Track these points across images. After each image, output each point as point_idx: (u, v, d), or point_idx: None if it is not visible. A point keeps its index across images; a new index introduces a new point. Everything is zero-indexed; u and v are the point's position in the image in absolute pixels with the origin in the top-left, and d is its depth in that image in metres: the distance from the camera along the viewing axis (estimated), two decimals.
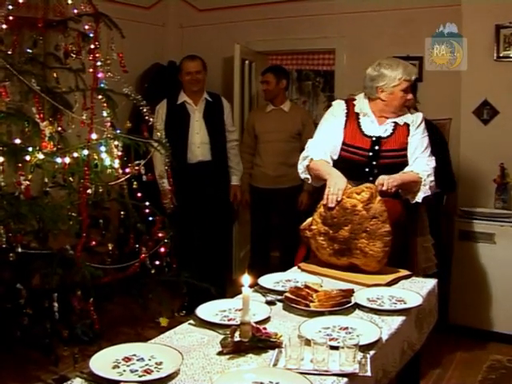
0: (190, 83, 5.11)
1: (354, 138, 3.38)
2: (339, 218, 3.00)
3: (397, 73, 3.30)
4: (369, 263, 2.97)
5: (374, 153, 3.35)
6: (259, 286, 2.79)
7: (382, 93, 3.35)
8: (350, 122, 3.42)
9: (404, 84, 3.30)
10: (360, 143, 3.36)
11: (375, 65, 3.38)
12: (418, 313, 2.69)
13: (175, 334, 2.31)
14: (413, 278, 3.01)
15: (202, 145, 5.10)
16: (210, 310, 2.47)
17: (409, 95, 3.36)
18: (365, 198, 2.97)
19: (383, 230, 2.95)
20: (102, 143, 3.89)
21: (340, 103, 3.51)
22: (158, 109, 5.06)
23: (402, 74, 3.29)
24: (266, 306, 2.51)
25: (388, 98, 3.36)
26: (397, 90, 3.32)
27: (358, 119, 3.42)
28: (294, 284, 2.80)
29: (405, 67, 3.32)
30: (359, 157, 3.36)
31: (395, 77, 3.30)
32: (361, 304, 2.56)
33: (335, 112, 3.47)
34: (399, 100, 3.34)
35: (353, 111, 3.44)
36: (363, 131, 3.39)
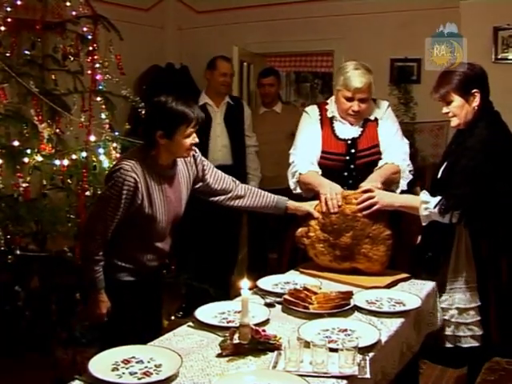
0: (222, 84, 5.00)
1: (330, 143, 3.31)
2: (339, 224, 3.01)
3: (340, 79, 3.24)
4: (372, 267, 3.00)
5: (350, 156, 3.28)
6: (258, 288, 2.79)
7: (335, 92, 3.34)
8: (325, 127, 3.34)
9: (345, 92, 3.21)
10: (335, 148, 3.30)
11: (344, 63, 3.34)
12: (417, 315, 2.69)
13: (174, 336, 2.32)
14: (412, 280, 3.01)
15: (223, 148, 5.01)
16: (209, 311, 2.48)
17: (354, 105, 3.23)
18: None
19: (385, 234, 2.98)
20: (100, 145, 3.89)
21: (313, 109, 3.42)
22: None
23: (343, 82, 3.21)
24: (265, 308, 2.52)
25: (336, 100, 3.33)
26: (339, 95, 3.26)
27: (331, 124, 3.35)
28: (293, 286, 2.80)
29: (349, 77, 3.19)
30: (336, 162, 3.29)
31: (340, 80, 3.24)
32: (360, 306, 2.56)
33: (310, 119, 3.38)
34: (341, 106, 3.27)
35: (326, 116, 3.37)
36: (337, 135, 3.32)
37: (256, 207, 3.13)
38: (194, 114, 2.65)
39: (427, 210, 2.87)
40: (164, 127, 2.64)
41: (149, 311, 2.90)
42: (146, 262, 2.81)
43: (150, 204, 2.69)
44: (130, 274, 2.79)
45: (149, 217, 2.71)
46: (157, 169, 2.73)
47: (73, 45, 4.06)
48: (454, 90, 2.91)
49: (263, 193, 3.15)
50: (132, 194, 2.63)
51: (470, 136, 2.90)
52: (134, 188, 2.62)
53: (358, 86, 3.16)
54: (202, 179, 2.99)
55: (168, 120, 2.64)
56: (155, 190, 2.71)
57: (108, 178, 2.72)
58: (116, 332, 2.72)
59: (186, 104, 2.66)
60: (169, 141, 2.66)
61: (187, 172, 2.90)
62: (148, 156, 2.72)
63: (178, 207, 2.84)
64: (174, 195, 2.81)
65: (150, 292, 2.90)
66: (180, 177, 2.86)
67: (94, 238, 2.67)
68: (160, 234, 2.80)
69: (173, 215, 2.82)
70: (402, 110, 5.47)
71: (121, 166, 2.65)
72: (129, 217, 2.68)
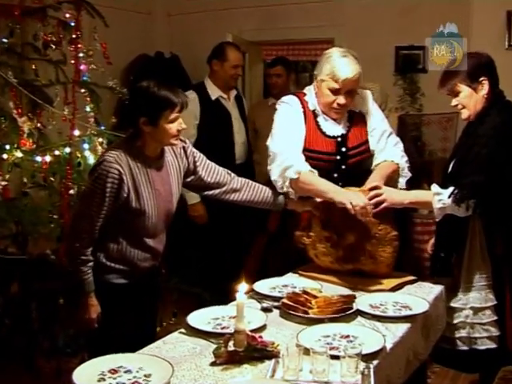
0: (233, 77, 4.81)
1: (316, 140, 3.19)
2: (343, 223, 3.00)
3: (329, 67, 3.08)
4: (378, 269, 3.00)
5: (341, 155, 3.20)
6: (254, 292, 2.80)
7: (316, 82, 3.19)
8: (308, 122, 3.22)
9: (331, 82, 3.07)
10: (323, 146, 3.19)
11: (329, 50, 3.21)
12: (425, 320, 2.70)
13: (165, 343, 2.32)
14: (418, 282, 3.02)
15: (242, 145, 4.92)
16: (202, 317, 2.48)
17: (340, 98, 3.10)
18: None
19: (392, 235, 2.99)
20: (85, 140, 3.89)
21: (293, 100, 3.26)
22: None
23: (329, 71, 3.07)
24: (261, 313, 2.52)
25: (318, 92, 3.19)
26: (323, 86, 3.11)
27: (315, 118, 3.23)
28: (291, 289, 2.81)
29: (336, 66, 3.05)
30: (325, 162, 3.17)
31: (325, 69, 3.09)
32: (363, 310, 2.57)
33: (292, 110, 3.22)
34: (324, 98, 3.14)
35: (308, 109, 3.23)
36: (324, 132, 3.21)
37: (253, 202, 3.14)
38: (177, 99, 2.69)
39: (441, 202, 2.88)
40: (147, 113, 2.67)
41: (142, 317, 2.91)
42: (137, 263, 2.82)
43: (137, 197, 2.71)
44: (120, 276, 2.81)
45: (137, 211, 2.72)
46: (143, 160, 2.75)
47: (54, 32, 4.04)
48: (460, 81, 2.95)
49: (261, 187, 3.15)
50: (117, 187, 2.64)
51: (481, 124, 2.94)
52: (118, 180, 2.64)
53: (349, 75, 3.04)
54: (194, 172, 3.00)
55: (151, 105, 2.67)
56: (142, 183, 2.72)
57: (91, 172, 2.75)
58: (106, 339, 2.73)
59: (169, 89, 2.69)
60: (153, 128, 2.69)
61: (177, 164, 2.92)
62: (133, 146, 2.75)
63: (168, 201, 2.86)
64: (164, 188, 2.82)
65: (144, 296, 2.91)
66: (169, 169, 2.87)
67: (80, 237, 2.69)
68: (151, 231, 2.81)
69: (164, 210, 2.83)
70: (407, 101, 5.47)
71: (104, 158, 2.68)
72: (116, 212, 2.69)
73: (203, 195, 3.13)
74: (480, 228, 2.98)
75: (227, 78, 4.78)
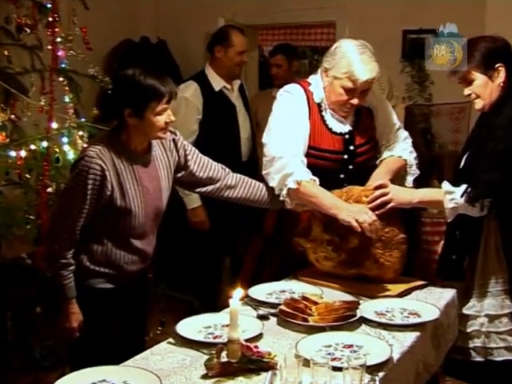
0: (239, 65, 4.73)
1: (321, 137, 3.18)
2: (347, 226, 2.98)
3: (345, 64, 3.04)
4: (383, 274, 3.00)
5: (349, 154, 3.20)
6: (249, 298, 2.80)
7: (325, 77, 3.15)
8: (313, 115, 3.18)
9: (346, 82, 3.04)
10: (329, 144, 3.18)
11: (342, 41, 3.14)
12: (435, 328, 2.71)
13: (152, 354, 2.33)
14: (428, 287, 3.03)
15: (247, 140, 4.86)
16: (193, 326, 2.49)
17: (354, 99, 3.09)
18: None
19: (400, 237, 2.99)
20: (63, 133, 3.89)
21: (296, 89, 3.23)
22: (184, 99, 4.52)
23: (346, 70, 3.03)
24: (257, 321, 2.53)
25: (327, 87, 3.16)
26: (336, 84, 3.08)
27: (320, 112, 3.20)
28: (289, 295, 2.81)
29: (355, 64, 3.01)
30: (331, 162, 3.18)
31: (341, 66, 3.04)
32: (368, 318, 2.58)
33: (295, 101, 3.19)
34: (336, 97, 3.11)
35: (313, 101, 3.20)
36: (330, 128, 3.20)
37: (248, 200, 3.15)
38: (165, 89, 2.68)
39: (453, 202, 2.87)
40: (132, 104, 2.67)
41: (129, 326, 2.91)
42: (123, 266, 2.82)
43: (122, 195, 2.71)
44: (105, 281, 2.81)
45: (122, 210, 2.73)
46: (129, 154, 2.75)
47: (29, 15, 4.02)
48: (474, 68, 2.92)
49: (257, 184, 3.16)
50: (99, 183, 2.65)
51: (497, 115, 2.92)
52: (101, 177, 2.64)
53: (370, 77, 3.03)
54: (185, 167, 3.00)
55: (136, 96, 2.67)
56: (128, 179, 2.73)
57: (72, 168, 2.76)
58: (88, 350, 2.74)
59: (156, 77, 2.69)
60: (139, 120, 2.69)
61: (167, 159, 2.92)
62: (118, 140, 2.75)
63: (157, 199, 2.86)
64: (152, 184, 2.83)
65: (131, 302, 2.91)
66: (158, 164, 2.88)
67: (60, 238, 2.69)
68: (138, 231, 2.81)
69: (152, 208, 2.84)
70: (415, 90, 5.49)
71: (85, 153, 2.68)
72: (99, 211, 2.70)
73: (195, 192, 3.13)
74: (496, 228, 2.96)
75: (232, 66, 4.69)
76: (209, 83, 4.65)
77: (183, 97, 4.47)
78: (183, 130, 4.28)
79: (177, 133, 2.97)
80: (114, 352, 2.55)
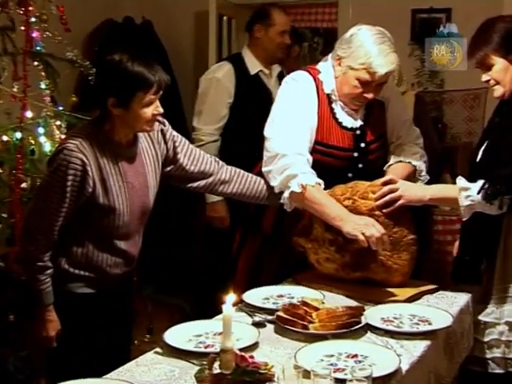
0: (280, 46, 4.66)
1: (330, 133, 3.19)
2: None
3: (363, 54, 3.03)
4: (391, 278, 3.01)
5: (360, 152, 3.22)
6: (244, 304, 2.81)
7: (338, 66, 3.15)
8: (321, 108, 3.19)
9: (363, 74, 3.03)
10: (339, 141, 3.20)
11: (359, 28, 3.11)
12: (448, 336, 2.72)
13: (137, 365, 2.33)
14: (440, 292, 3.04)
15: None
16: (182, 334, 2.49)
17: (370, 93, 3.11)
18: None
19: (409, 238, 3.00)
20: (39, 123, 3.88)
21: (306, 78, 3.23)
22: (215, 80, 4.51)
23: (364, 61, 3.02)
24: (253, 329, 2.54)
25: (339, 77, 3.16)
26: (350, 75, 3.08)
27: (329, 104, 3.21)
28: (288, 300, 2.83)
29: (373, 56, 3.00)
30: (339, 160, 3.22)
31: (358, 56, 3.04)
32: (374, 325, 2.59)
33: (302, 90, 3.19)
34: (349, 89, 3.12)
35: (322, 91, 3.20)
36: (340, 122, 3.21)
37: (245, 195, 3.16)
38: (154, 77, 2.67)
39: (469, 199, 2.86)
40: (117, 93, 2.66)
41: (112, 334, 2.92)
42: (106, 269, 2.83)
43: (105, 192, 2.71)
44: (86, 285, 2.81)
45: (105, 208, 2.72)
46: (112, 147, 2.75)
47: None
48: (494, 51, 2.91)
49: (254, 178, 3.17)
50: (80, 179, 2.64)
51: None
52: (81, 172, 2.64)
53: (389, 69, 3.04)
54: (174, 160, 3.01)
55: (122, 84, 2.66)
56: (111, 175, 2.73)
57: (50, 162, 2.75)
58: (68, 361, 2.74)
59: (144, 64, 2.68)
60: (124, 110, 2.68)
61: (154, 151, 2.92)
62: (100, 131, 2.75)
63: (144, 196, 2.86)
64: (138, 180, 2.83)
65: (115, 308, 2.91)
66: (145, 157, 2.88)
67: (36, 239, 2.69)
68: (122, 231, 2.81)
69: (138, 206, 2.84)
70: (426, 76, 5.49)
71: (64, 145, 2.68)
72: (80, 209, 2.70)
73: (186, 188, 3.13)
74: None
75: (273, 48, 4.63)
76: (244, 66, 4.60)
77: (214, 77, 4.48)
78: (212, 115, 4.27)
79: (165, 122, 2.97)
80: (95, 363, 2.56)
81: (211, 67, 4.68)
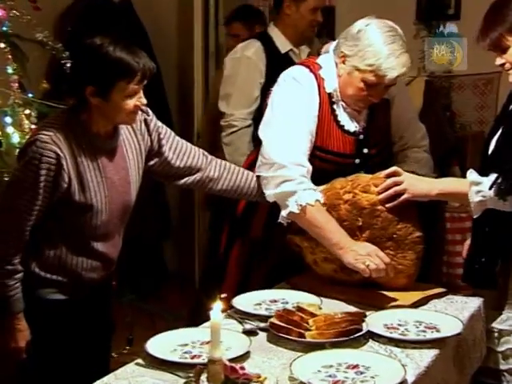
0: (312, 25, 4.58)
1: (329, 137, 3.20)
2: (352, 220, 3.02)
3: (371, 55, 2.99)
4: (395, 280, 3.01)
5: (362, 159, 3.23)
6: (234, 310, 2.82)
7: (342, 64, 3.12)
8: (322, 109, 3.18)
9: (370, 76, 3.02)
10: (339, 146, 3.21)
11: (367, 23, 3.07)
12: (458, 345, 2.72)
13: (117, 379, 2.33)
14: (449, 296, 3.06)
15: None
16: (166, 344, 2.50)
17: (375, 96, 3.11)
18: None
19: (415, 236, 3.01)
20: (6, 112, 3.87)
21: (307, 76, 3.20)
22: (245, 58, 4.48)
23: (373, 62, 2.99)
24: (243, 337, 2.54)
25: (343, 77, 3.14)
26: (356, 76, 3.06)
27: (331, 105, 3.20)
28: (282, 306, 2.84)
29: (388, 59, 2.98)
30: (340, 166, 3.22)
31: (365, 57, 3.01)
32: (376, 332, 2.59)
33: (306, 94, 3.16)
34: (354, 90, 3.11)
35: (323, 90, 3.19)
36: (342, 125, 3.21)
37: (235, 192, 3.18)
38: (138, 65, 2.64)
39: (480, 194, 2.85)
40: (96, 81, 2.64)
41: (89, 345, 2.91)
42: (82, 273, 2.82)
43: (81, 188, 2.70)
44: (60, 291, 2.81)
45: (81, 206, 2.72)
46: (90, 139, 2.74)
47: None
48: (508, 32, 2.90)
49: (245, 172, 3.19)
50: (54, 174, 2.63)
51: None
52: (56, 166, 2.63)
53: (401, 73, 3.03)
54: (159, 153, 3.00)
55: (101, 71, 2.63)
56: (89, 169, 2.72)
57: (20, 155, 2.74)
58: (39, 375, 2.74)
59: (128, 50, 2.65)
60: (103, 100, 2.66)
61: (137, 144, 2.91)
62: (76, 122, 2.73)
63: (125, 192, 2.86)
64: (118, 175, 2.82)
65: (91, 317, 2.91)
66: (126, 150, 2.87)
67: (5, 240, 2.68)
68: (100, 231, 2.81)
69: (118, 204, 2.83)
70: None
71: (36, 137, 2.66)
72: (53, 208, 2.69)
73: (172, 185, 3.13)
74: None
75: (304, 26, 4.56)
76: (274, 44, 4.54)
77: (244, 56, 4.45)
78: (243, 97, 4.23)
79: (149, 112, 2.95)
80: (70, 376, 2.56)
81: (237, 46, 4.61)
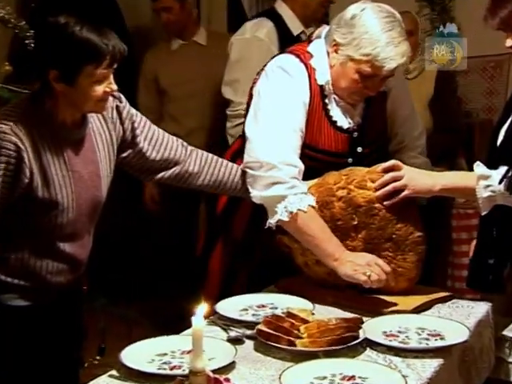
0: (323, 5, 4.58)
1: (320, 134, 3.20)
2: (346, 219, 3.03)
3: (368, 43, 2.98)
4: (395, 284, 3.01)
5: (355, 158, 3.24)
6: (218, 316, 2.83)
7: (335, 53, 3.11)
8: (313, 103, 3.18)
9: (366, 67, 3.01)
10: (330, 145, 3.22)
11: (362, 7, 3.05)
12: (463, 354, 2.73)
13: None
14: (454, 300, 3.07)
15: None
16: (143, 353, 2.50)
17: (371, 89, 3.12)
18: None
19: (416, 236, 3.01)
20: None
21: (297, 66, 3.18)
22: (257, 40, 4.42)
23: (373, 51, 2.97)
24: (228, 346, 2.54)
25: (336, 68, 3.13)
26: (350, 67, 3.05)
27: (322, 98, 3.19)
28: (270, 311, 2.85)
29: (387, 48, 2.96)
30: (331, 166, 3.20)
31: (361, 46, 2.99)
32: (374, 340, 2.60)
33: (295, 86, 3.15)
34: (348, 82, 3.10)
35: (315, 82, 3.18)
36: (334, 121, 3.21)
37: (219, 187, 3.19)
38: (107, 47, 2.60)
39: (489, 189, 2.86)
40: (60, 65, 2.60)
41: (56, 355, 2.90)
42: (47, 277, 2.81)
43: (45, 183, 2.67)
44: (22, 296, 2.79)
45: (45, 203, 2.69)
46: (55, 129, 2.71)
47: None
48: None
49: (230, 166, 3.19)
50: (14, 168, 2.60)
51: None
52: (16, 159, 2.60)
53: (400, 63, 3.01)
54: (132, 144, 2.98)
55: (66, 54, 2.59)
56: (53, 162, 2.69)
57: None
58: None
59: (96, 30, 2.61)
60: (69, 86, 2.62)
61: (108, 133, 2.89)
62: (40, 109, 2.70)
63: (94, 187, 2.84)
64: (87, 169, 2.80)
65: (59, 325, 2.90)
66: (96, 141, 2.85)
67: None
68: (67, 231, 2.79)
69: (87, 200, 2.81)
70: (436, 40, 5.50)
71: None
72: (13, 205, 2.67)
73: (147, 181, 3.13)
74: None
75: (314, 6, 4.52)
76: (285, 25, 4.49)
77: (255, 37, 4.39)
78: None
79: (122, 98, 2.93)
80: None
81: (245, 25, 4.56)
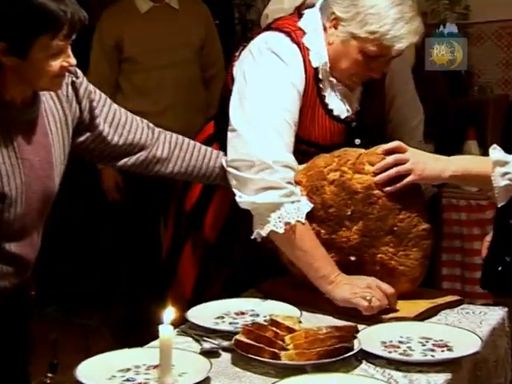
0: None
1: (314, 124, 3.22)
2: (339, 207, 3.02)
3: (375, 20, 2.96)
4: (395, 285, 3.00)
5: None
6: (189, 324, 2.84)
7: (334, 28, 3.10)
8: (307, 90, 3.16)
9: (371, 46, 3.00)
10: (326, 137, 3.22)
11: None
12: (475, 367, 2.74)
13: None
14: (464, 305, 3.09)
15: None
16: (101, 369, 2.50)
17: (378, 69, 3.11)
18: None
19: (421, 229, 3.01)
20: None
21: (289, 46, 3.14)
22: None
23: (380, 28, 2.95)
24: (202, 359, 2.54)
25: (335, 46, 3.12)
26: (352, 45, 3.04)
27: (317, 83, 3.19)
28: (251, 319, 2.87)
29: (397, 26, 2.94)
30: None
31: (366, 22, 2.97)
32: (371, 352, 2.60)
33: (287, 71, 3.10)
34: (349, 63, 3.09)
35: (309, 64, 3.16)
36: (330, 109, 3.23)
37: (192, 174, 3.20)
38: (65, 15, 2.54)
39: (507, 177, 2.86)
40: (9, 36, 2.56)
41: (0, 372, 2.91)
42: None
43: None
44: None
45: None
46: (2, 109, 2.69)
47: None
48: None
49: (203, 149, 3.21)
50: None
51: None
52: None
53: (412, 42, 3.01)
54: (91, 126, 2.96)
55: (16, 22, 2.54)
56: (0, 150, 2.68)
57: None
58: None
59: None
60: (19, 60, 2.58)
61: (62, 113, 2.87)
62: None
63: (46, 177, 2.82)
64: (39, 156, 2.79)
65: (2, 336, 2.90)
66: (48, 123, 2.83)
67: None
68: (14, 227, 2.78)
69: (39, 192, 2.80)
70: (445, 3, 5.51)
71: None
72: None
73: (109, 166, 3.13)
74: None
75: None
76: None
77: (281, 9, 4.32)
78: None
79: (78, 73, 2.89)
80: None
81: None
